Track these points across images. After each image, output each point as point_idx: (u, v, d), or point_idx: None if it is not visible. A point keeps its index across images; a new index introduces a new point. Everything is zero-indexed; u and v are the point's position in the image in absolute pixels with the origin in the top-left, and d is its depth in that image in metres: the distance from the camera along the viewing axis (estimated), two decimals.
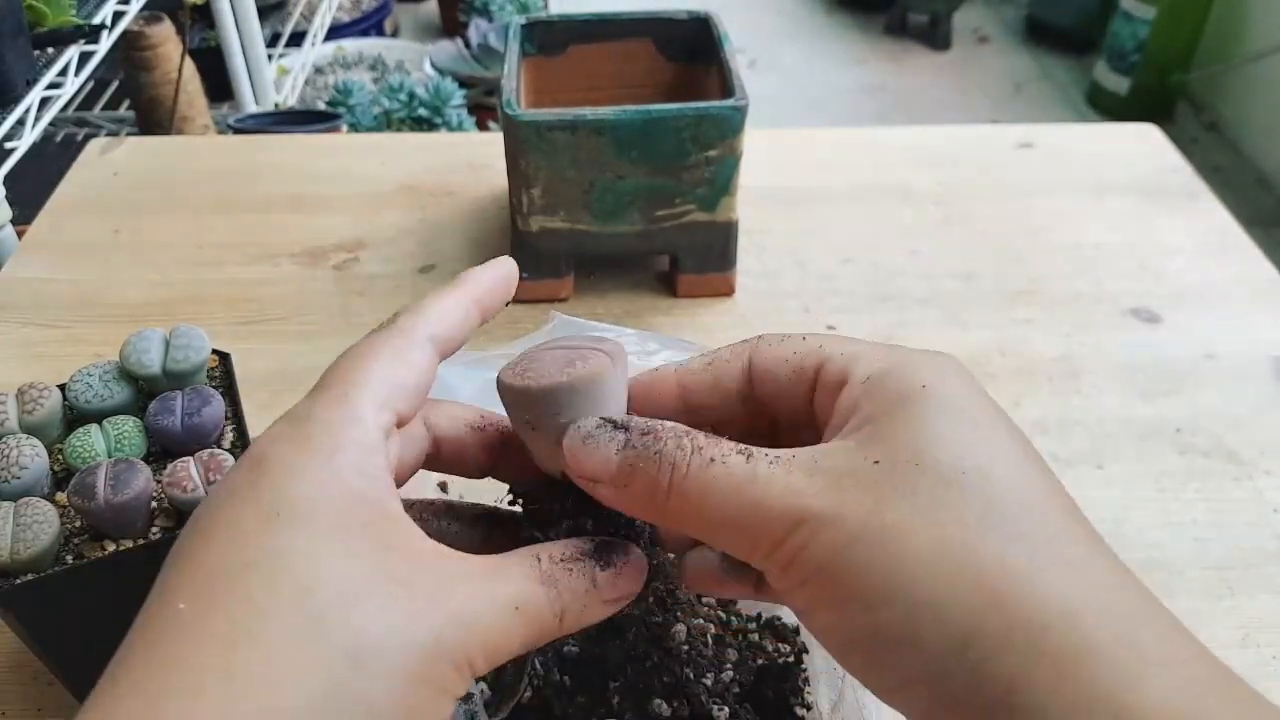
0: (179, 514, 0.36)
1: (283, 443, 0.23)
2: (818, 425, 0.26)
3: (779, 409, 0.27)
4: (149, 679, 0.20)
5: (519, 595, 0.23)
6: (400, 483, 0.27)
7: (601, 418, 0.25)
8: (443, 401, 0.28)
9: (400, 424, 0.25)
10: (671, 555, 0.29)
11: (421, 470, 0.28)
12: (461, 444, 0.28)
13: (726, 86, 0.58)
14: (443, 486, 0.43)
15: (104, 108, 1.53)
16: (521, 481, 0.29)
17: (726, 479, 0.23)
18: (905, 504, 0.22)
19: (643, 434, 0.24)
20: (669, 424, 0.24)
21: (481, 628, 0.22)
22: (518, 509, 0.29)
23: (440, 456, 0.28)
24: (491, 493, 0.32)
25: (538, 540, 0.26)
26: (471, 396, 0.31)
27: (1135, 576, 0.22)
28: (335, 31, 1.89)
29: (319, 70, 1.79)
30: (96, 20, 0.85)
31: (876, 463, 0.22)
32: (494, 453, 0.29)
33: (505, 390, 0.26)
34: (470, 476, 0.29)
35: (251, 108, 1.44)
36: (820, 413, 0.26)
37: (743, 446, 0.24)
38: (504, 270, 0.28)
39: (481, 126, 1.68)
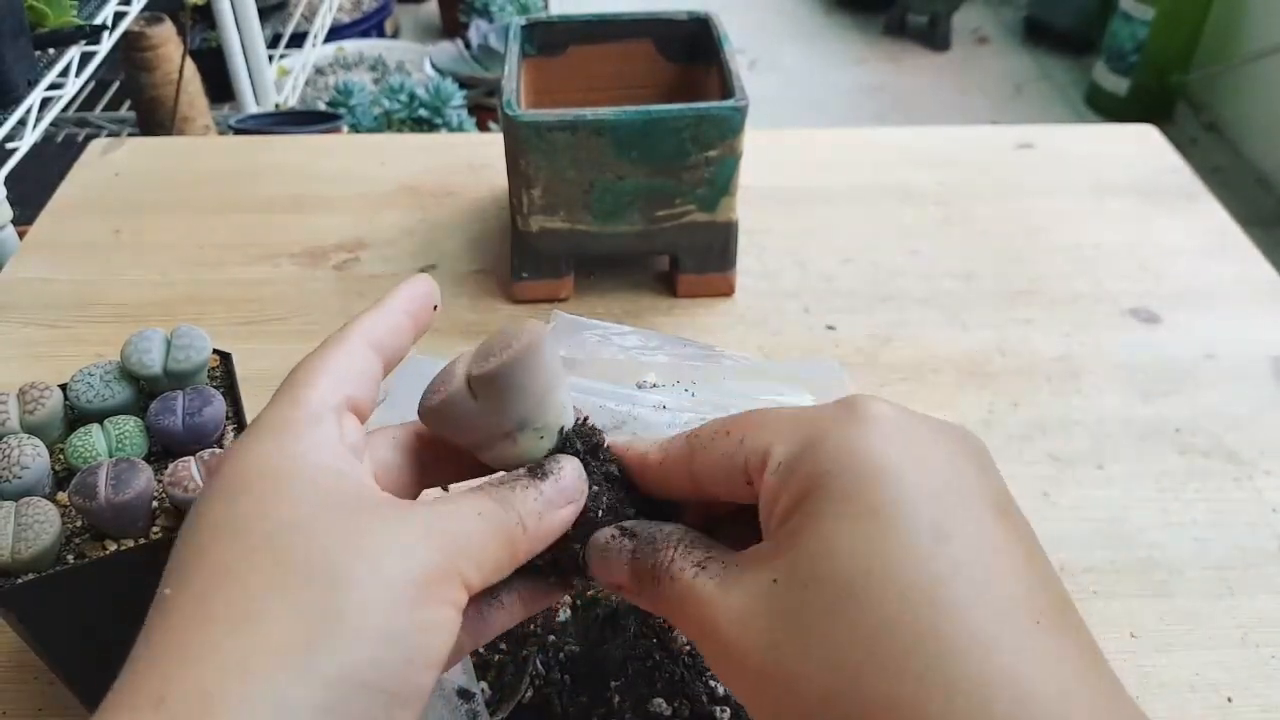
0: (180, 513, 0.36)
1: (237, 441, 0.25)
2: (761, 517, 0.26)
3: (734, 501, 0.27)
4: (144, 656, 0.21)
5: (477, 507, 0.25)
6: (404, 494, 0.28)
7: (615, 527, 0.28)
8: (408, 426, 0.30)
9: (358, 412, 0.26)
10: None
11: None
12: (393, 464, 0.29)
13: (726, 87, 0.58)
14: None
15: (105, 108, 1.53)
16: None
17: (680, 593, 0.25)
18: (797, 640, 0.22)
19: (646, 543, 0.27)
20: (673, 531, 0.27)
21: (452, 533, 0.24)
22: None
23: (442, 467, 0.29)
24: None
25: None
26: None
27: (1059, 640, 0.21)
28: (336, 32, 1.89)
29: (320, 71, 1.80)
30: (98, 21, 0.85)
31: (775, 581, 0.23)
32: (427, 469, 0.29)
33: (422, 414, 0.28)
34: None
35: (252, 108, 1.44)
36: (762, 511, 0.26)
37: (703, 551, 0.26)
38: (421, 285, 0.30)
39: (482, 127, 1.68)
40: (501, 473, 0.27)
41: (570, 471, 0.27)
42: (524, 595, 0.28)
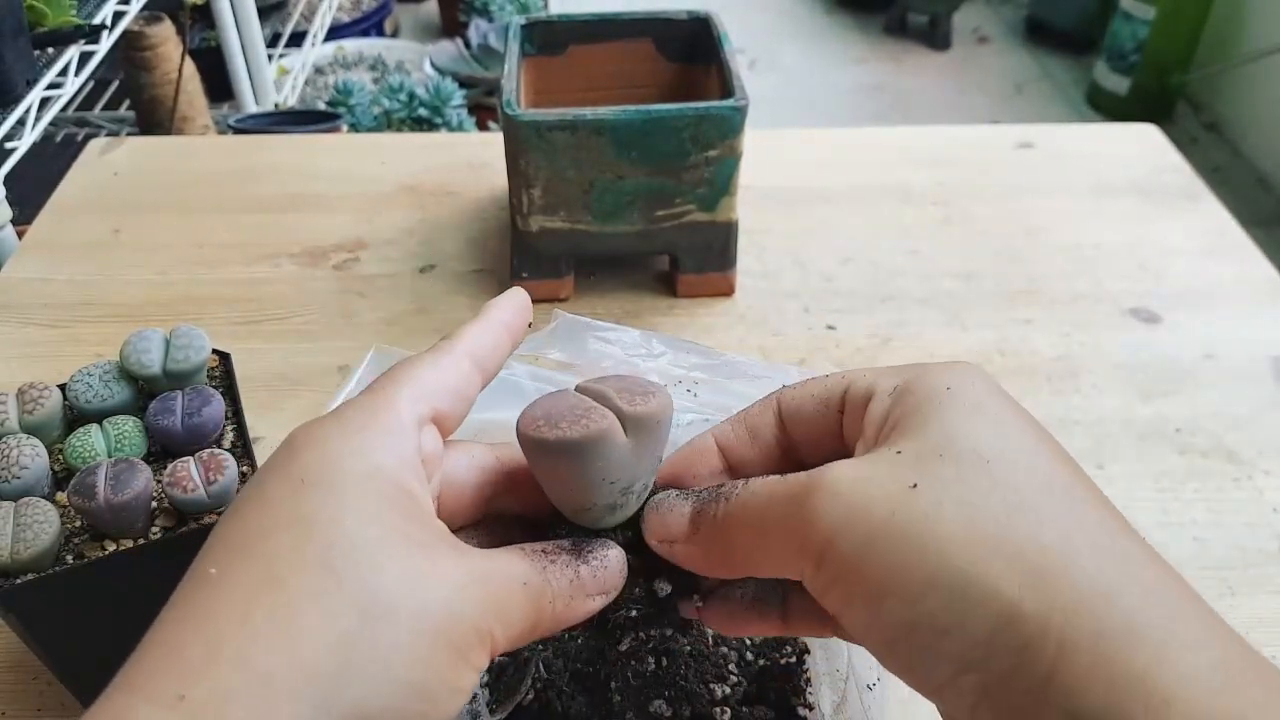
0: (179, 514, 0.36)
1: (315, 425, 0.24)
2: (848, 450, 0.26)
3: (812, 447, 0.28)
4: (175, 636, 0.20)
5: (524, 573, 0.24)
6: (464, 512, 0.28)
7: (668, 491, 0.27)
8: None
9: (442, 426, 0.26)
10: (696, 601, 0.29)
11: None
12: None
13: (726, 86, 0.58)
14: None
15: (104, 108, 1.53)
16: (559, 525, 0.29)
17: (764, 493, 0.24)
18: (932, 491, 0.22)
19: (708, 490, 0.26)
20: (726, 483, 0.26)
21: (496, 596, 0.23)
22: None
23: (513, 499, 0.29)
24: None
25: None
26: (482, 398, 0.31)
27: (1163, 559, 0.22)
28: (335, 32, 1.89)
29: (319, 70, 1.79)
30: (97, 20, 0.85)
31: (899, 453, 0.23)
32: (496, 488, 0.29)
33: (520, 439, 0.26)
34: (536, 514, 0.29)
35: (252, 108, 1.44)
36: (849, 435, 0.26)
37: (787, 477, 0.25)
38: (521, 298, 0.30)
39: (481, 126, 1.68)
40: (546, 543, 0.26)
41: (614, 564, 0.27)
42: None
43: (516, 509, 0.29)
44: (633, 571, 0.27)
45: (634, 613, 0.27)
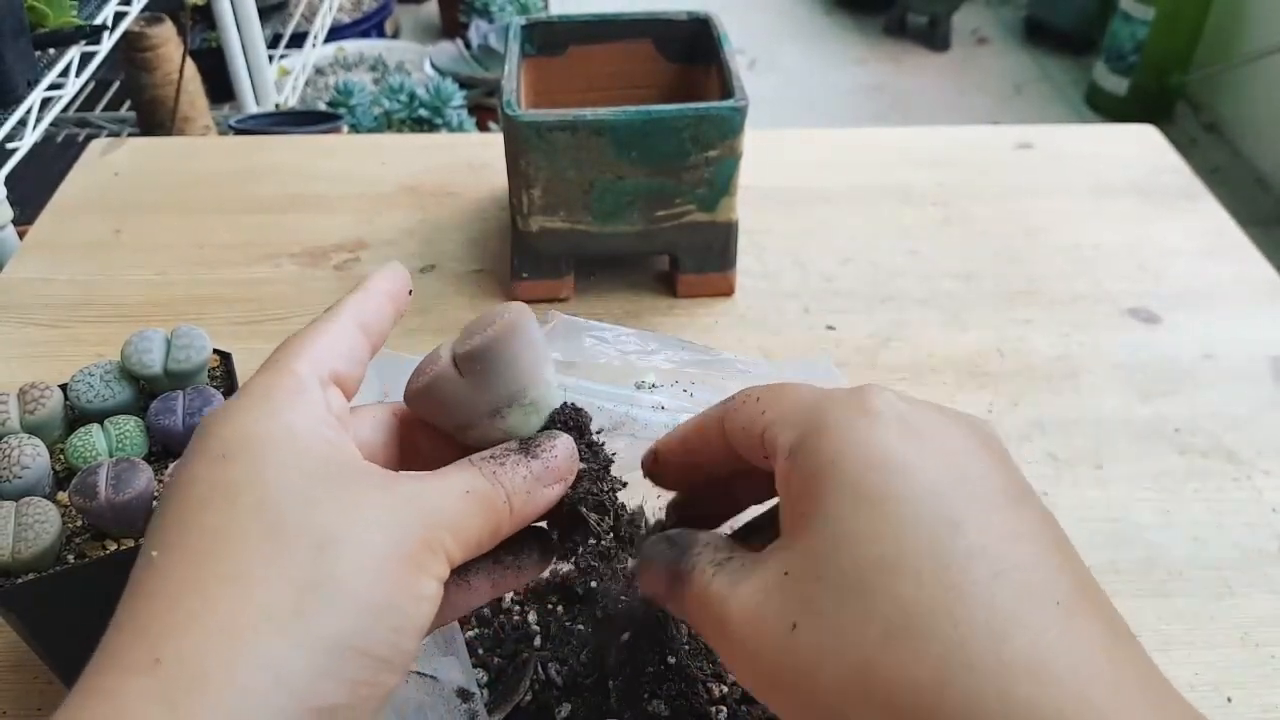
0: None
1: (221, 407, 0.25)
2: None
3: (760, 467, 0.27)
4: (135, 617, 0.21)
5: (465, 482, 0.25)
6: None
7: (660, 535, 0.28)
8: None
9: (343, 386, 0.27)
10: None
11: None
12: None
13: (726, 87, 0.58)
14: None
15: (105, 108, 1.53)
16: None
17: (696, 596, 0.25)
18: (811, 630, 0.22)
19: (681, 550, 0.27)
20: (701, 537, 0.27)
21: (438, 508, 0.24)
22: None
23: (421, 450, 0.29)
24: None
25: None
26: None
27: (1080, 622, 0.20)
28: (336, 32, 1.89)
29: (320, 71, 1.80)
30: (98, 21, 0.85)
31: (786, 574, 0.23)
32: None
33: (407, 398, 0.28)
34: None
35: (252, 108, 1.44)
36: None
37: (724, 553, 0.26)
38: (397, 270, 0.30)
39: (482, 127, 1.68)
40: (496, 448, 0.27)
41: (563, 449, 0.27)
42: (493, 578, 0.28)
43: (434, 463, 0.30)
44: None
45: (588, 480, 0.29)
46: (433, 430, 0.29)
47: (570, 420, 0.29)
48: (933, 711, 0.20)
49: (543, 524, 0.29)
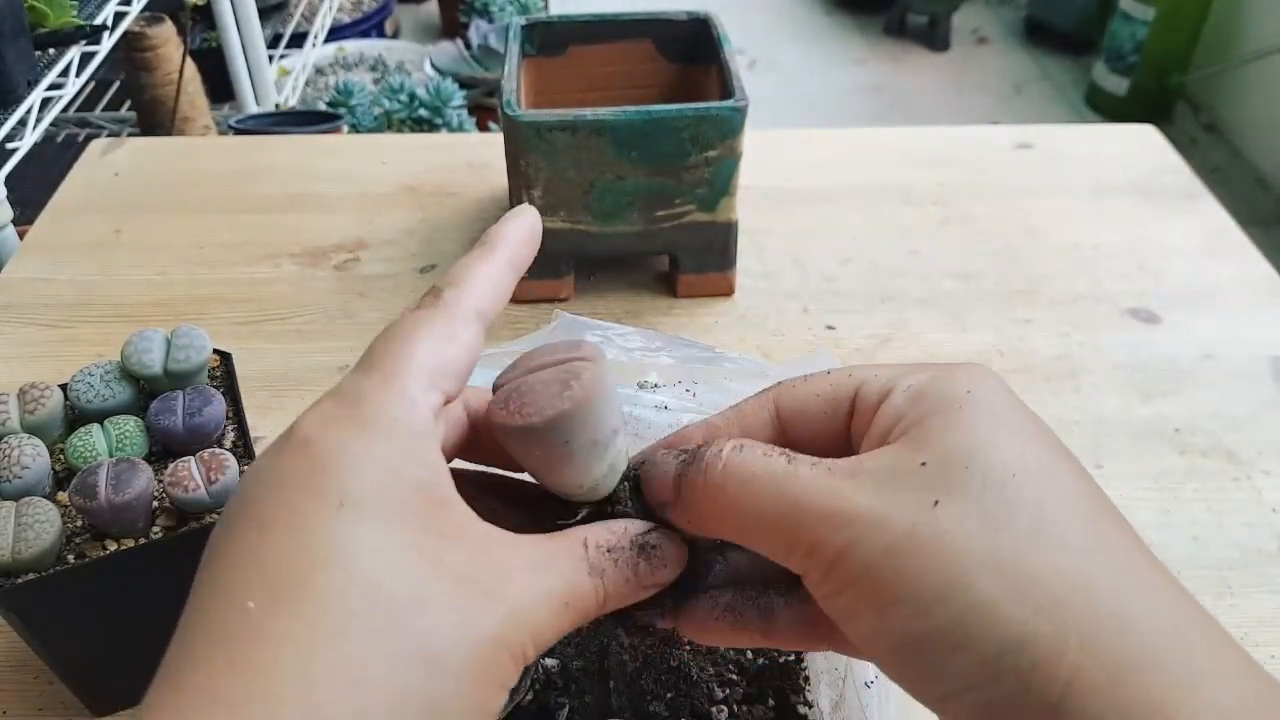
0: (180, 514, 0.36)
1: (333, 426, 0.22)
2: (854, 449, 0.25)
3: (814, 448, 0.26)
4: (223, 682, 0.19)
5: (569, 590, 0.23)
6: None
7: (670, 449, 0.26)
8: (479, 387, 0.27)
9: (450, 398, 0.24)
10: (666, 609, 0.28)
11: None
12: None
13: (726, 87, 0.58)
14: None
15: (105, 108, 1.53)
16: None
17: (767, 474, 0.23)
18: (956, 507, 0.21)
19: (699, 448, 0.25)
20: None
21: (536, 622, 0.22)
22: None
23: (479, 443, 0.27)
24: None
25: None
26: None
27: (1181, 584, 0.22)
28: (336, 32, 1.89)
29: (320, 71, 1.80)
30: (98, 21, 0.85)
31: (924, 464, 0.22)
32: None
33: (505, 431, 0.25)
34: (507, 468, 0.28)
35: (252, 108, 1.44)
36: (857, 434, 0.25)
37: (786, 451, 0.24)
38: (529, 221, 0.27)
39: (482, 127, 1.68)
40: (610, 525, 0.25)
41: (673, 560, 0.26)
42: None
43: (483, 461, 0.28)
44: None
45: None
46: (495, 444, 0.26)
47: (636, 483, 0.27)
48: (1077, 601, 0.20)
49: None
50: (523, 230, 0.27)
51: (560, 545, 0.24)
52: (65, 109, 1.20)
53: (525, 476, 0.27)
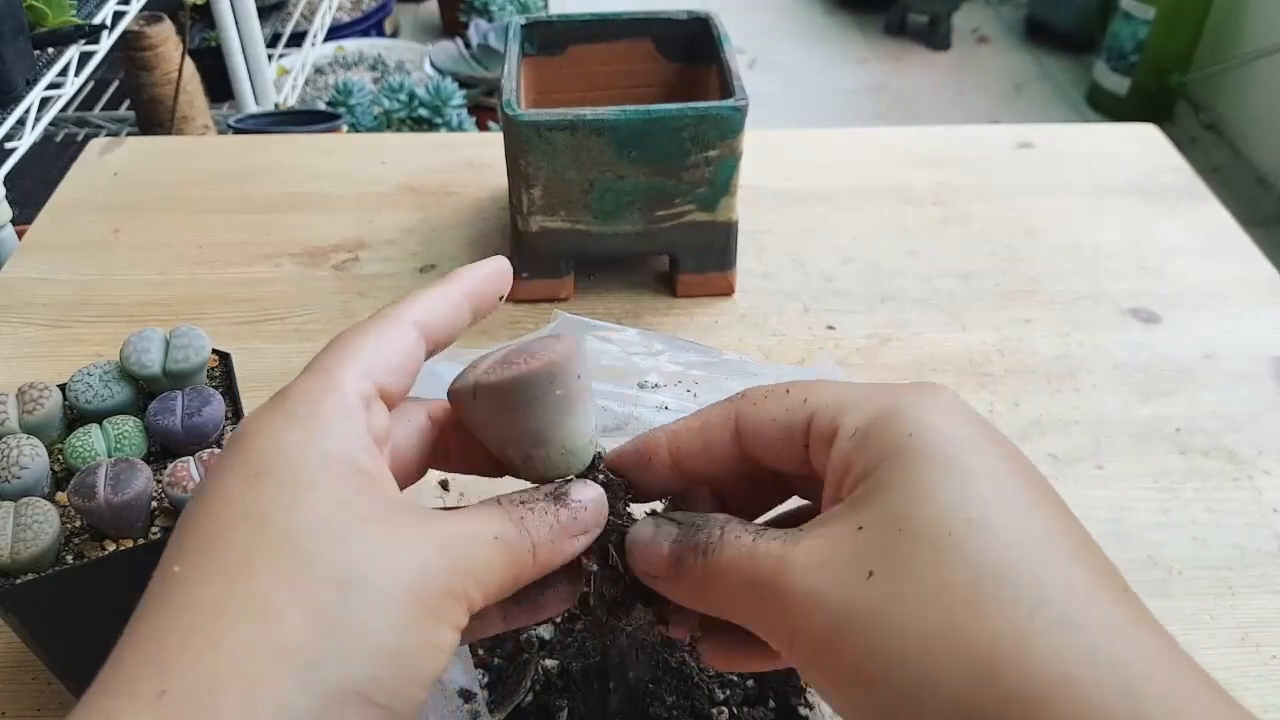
0: (179, 514, 0.36)
1: (263, 414, 0.24)
2: (818, 479, 0.26)
3: (777, 465, 0.27)
4: (148, 635, 0.20)
5: (495, 527, 0.24)
6: (408, 476, 0.28)
7: (656, 514, 0.27)
8: (444, 401, 0.29)
9: (388, 400, 0.26)
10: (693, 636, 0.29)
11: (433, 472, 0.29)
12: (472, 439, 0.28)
13: (726, 86, 0.58)
14: (444, 484, 0.43)
15: (104, 108, 1.53)
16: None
17: (734, 559, 0.24)
18: (889, 579, 0.21)
19: (691, 526, 0.26)
20: (716, 515, 0.26)
21: (466, 554, 0.23)
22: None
23: (451, 453, 0.28)
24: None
25: None
26: None
27: (1144, 615, 0.21)
28: (335, 31, 1.89)
29: (319, 70, 1.80)
30: (97, 20, 0.85)
31: (860, 529, 0.22)
32: None
33: (466, 392, 0.26)
34: (485, 475, 0.29)
35: (252, 108, 1.44)
36: (817, 465, 0.26)
37: (756, 526, 0.25)
38: (497, 268, 0.29)
39: (481, 126, 1.68)
40: (522, 490, 0.26)
41: (594, 504, 0.26)
42: (506, 611, 0.27)
43: (455, 468, 0.29)
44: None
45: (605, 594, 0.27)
46: (467, 435, 0.28)
47: (603, 477, 0.27)
48: (1017, 665, 0.20)
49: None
50: (488, 267, 0.28)
51: (478, 505, 0.25)
52: (64, 108, 1.20)
53: (496, 485, 0.28)
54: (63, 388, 0.39)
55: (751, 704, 0.37)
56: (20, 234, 0.74)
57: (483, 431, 0.27)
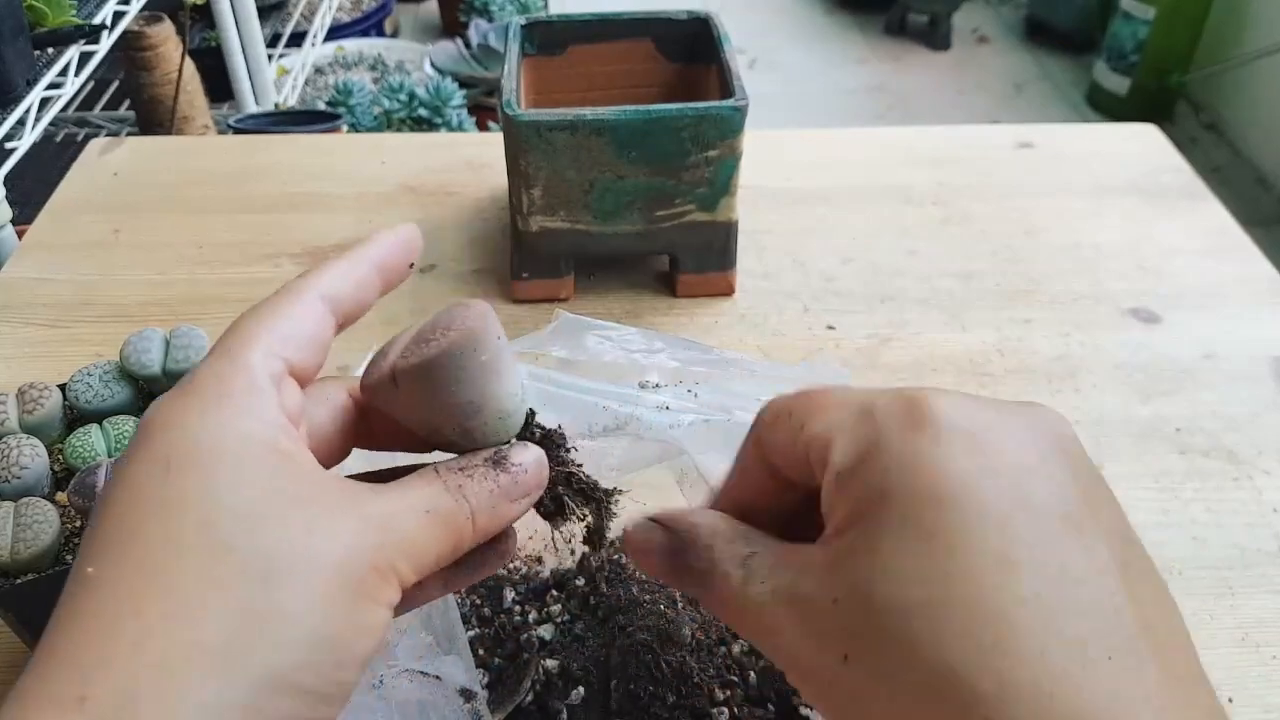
0: None
1: (170, 401, 0.23)
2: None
3: (806, 484, 0.26)
4: (66, 640, 0.20)
5: (427, 500, 0.24)
6: (331, 456, 0.27)
7: (645, 519, 0.26)
8: None
9: (300, 377, 0.25)
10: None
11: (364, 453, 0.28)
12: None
13: (726, 86, 0.58)
14: None
15: (104, 108, 1.53)
16: None
17: (724, 596, 0.24)
18: (862, 665, 0.21)
19: (680, 537, 0.26)
20: (702, 519, 0.26)
21: (395, 530, 0.23)
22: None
23: (376, 432, 0.28)
24: None
25: None
26: None
27: (1149, 673, 0.20)
28: (335, 31, 1.89)
29: (319, 70, 1.80)
30: (97, 20, 0.85)
31: (835, 602, 0.22)
32: None
33: (383, 382, 0.25)
34: (415, 451, 0.28)
35: (251, 108, 1.44)
36: (826, 502, 0.25)
37: (748, 555, 0.24)
38: (406, 235, 0.28)
39: (481, 127, 1.68)
40: (460, 456, 0.26)
41: (534, 465, 0.26)
42: (446, 576, 0.27)
43: (379, 445, 0.28)
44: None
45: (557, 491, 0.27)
46: (388, 425, 0.27)
47: (539, 432, 0.27)
48: None
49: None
50: (395, 235, 0.28)
51: (412, 476, 0.25)
52: (64, 108, 1.20)
53: (421, 458, 0.28)
54: (63, 388, 0.39)
55: (752, 704, 0.37)
56: (20, 234, 0.74)
57: (411, 415, 0.26)
